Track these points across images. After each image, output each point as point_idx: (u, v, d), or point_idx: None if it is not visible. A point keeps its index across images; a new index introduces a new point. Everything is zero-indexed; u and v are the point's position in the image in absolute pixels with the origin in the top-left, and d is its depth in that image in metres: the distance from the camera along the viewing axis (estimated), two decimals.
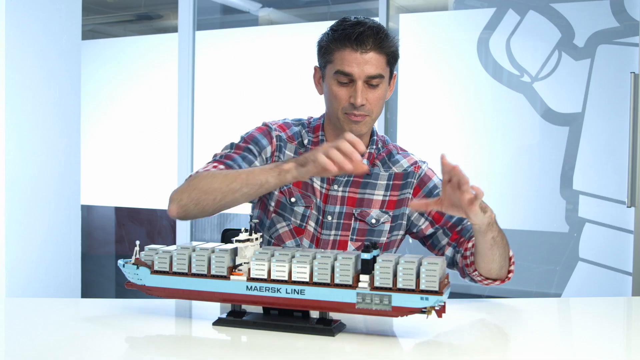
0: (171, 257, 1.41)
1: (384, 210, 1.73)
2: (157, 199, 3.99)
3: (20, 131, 2.59)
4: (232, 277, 1.37)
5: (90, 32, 4.48)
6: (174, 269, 1.41)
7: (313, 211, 1.71)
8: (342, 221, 1.71)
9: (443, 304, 1.27)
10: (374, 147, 1.75)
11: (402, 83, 3.36)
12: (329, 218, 1.71)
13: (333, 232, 1.71)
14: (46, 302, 1.86)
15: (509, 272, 1.65)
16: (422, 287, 1.27)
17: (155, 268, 1.42)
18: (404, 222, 1.78)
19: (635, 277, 2.84)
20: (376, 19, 3.35)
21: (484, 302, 1.79)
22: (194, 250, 1.41)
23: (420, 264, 1.29)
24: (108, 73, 4.12)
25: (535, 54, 3.11)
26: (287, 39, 3.63)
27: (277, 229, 1.74)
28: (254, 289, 1.35)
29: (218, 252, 1.38)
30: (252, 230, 1.40)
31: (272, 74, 3.65)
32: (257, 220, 1.63)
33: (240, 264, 1.37)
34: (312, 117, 1.80)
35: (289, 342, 1.30)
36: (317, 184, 1.71)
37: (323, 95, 1.70)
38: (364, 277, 1.30)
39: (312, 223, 1.72)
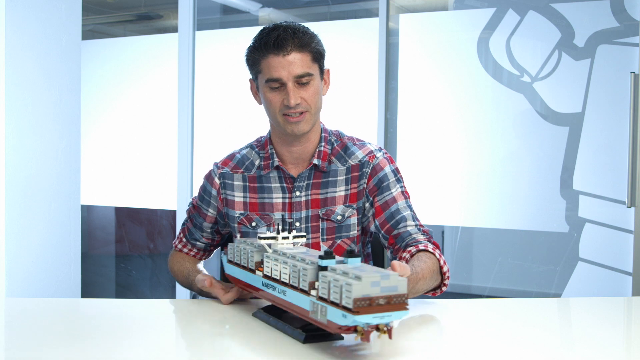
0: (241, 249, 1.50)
1: (347, 204, 1.75)
2: (157, 199, 3.99)
3: (20, 131, 2.59)
4: (257, 272, 1.41)
5: (90, 32, 4.48)
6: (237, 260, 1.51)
7: (276, 226, 1.68)
8: (309, 224, 1.74)
9: (369, 328, 1.09)
10: (323, 144, 1.76)
11: (402, 83, 3.36)
12: (297, 225, 1.74)
13: None
14: (46, 302, 1.86)
15: (443, 286, 1.63)
16: (343, 302, 1.11)
17: (229, 257, 1.54)
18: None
19: (635, 277, 2.84)
20: (376, 19, 3.36)
21: (484, 302, 1.79)
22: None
23: (355, 277, 1.11)
24: (108, 73, 4.12)
25: (535, 54, 3.11)
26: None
27: None
28: (266, 285, 1.37)
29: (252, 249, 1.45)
30: (279, 228, 1.41)
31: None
32: (291, 220, 1.74)
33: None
34: (262, 137, 1.85)
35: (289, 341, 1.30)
36: (277, 198, 1.76)
37: (262, 105, 1.74)
38: (317, 285, 1.20)
39: (280, 229, 1.74)
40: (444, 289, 1.63)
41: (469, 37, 3.23)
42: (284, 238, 1.39)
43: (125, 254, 4.62)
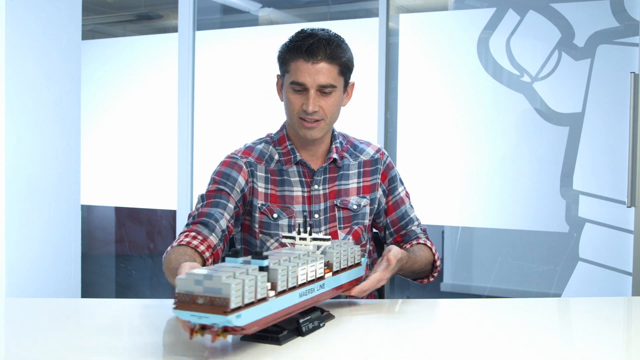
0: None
1: (361, 195, 1.87)
2: (157, 199, 3.99)
3: (20, 131, 2.59)
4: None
5: (90, 32, 4.48)
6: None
7: (297, 219, 1.80)
8: (327, 215, 1.83)
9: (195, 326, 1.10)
10: (337, 141, 1.87)
11: (402, 83, 3.36)
12: (316, 216, 1.81)
13: (322, 227, 1.82)
14: (46, 302, 1.86)
15: (432, 277, 1.88)
16: None
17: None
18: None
19: (635, 277, 2.84)
20: (376, 19, 3.36)
21: (484, 302, 1.79)
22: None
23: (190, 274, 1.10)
24: (108, 73, 4.12)
25: (535, 54, 3.11)
26: (287, 39, 3.62)
27: (268, 247, 1.81)
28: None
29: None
30: (299, 229, 1.42)
31: (271, 74, 3.64)
32: (311, 220, 1.79)
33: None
34: (271, 133, 1.90)
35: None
36: (297, 192, 1.81)
37: (283, 102, 1.80)
38: None
39: (300, 229, 1.73)
40: (431, 279, 1.88)
41: (469, 37, 3.23)
42: (301, 239, 1.39)
43: (125, 254, 4.62)
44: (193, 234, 1.64)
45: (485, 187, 3.21)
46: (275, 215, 1.79)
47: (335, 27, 1.82)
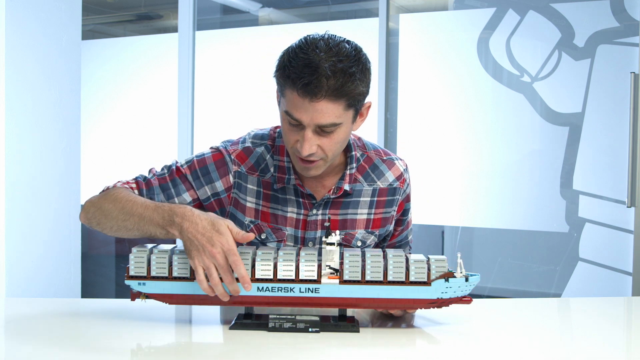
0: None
1: (369, 230, 1.59)
2: None
3: (20, 131, 2.59)
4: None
5: (90, 32, 4.48)
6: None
7: (288, 243, 1.56)
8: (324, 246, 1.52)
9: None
10: (354, 166, 1.57)
11: (402, 83, 3.36)
12: (310, 245, 1.56)
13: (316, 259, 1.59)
14: (46, 302, 1.86)
15: None
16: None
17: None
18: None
19: (635, 277, 2.84)
20: (376, 19, 3.36)
21: (484, 302, 1.79)
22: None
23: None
24: (108, 73, 4.12)
25: (535, 54, 3.11)
26: (287, 39, 3.62)
27: None
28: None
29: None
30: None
31: (272, 74, 3.64)
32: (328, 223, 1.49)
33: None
34: (277, 128, 1.62)
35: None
36: (291, 213, 1.55)
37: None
38: None
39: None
40: None
41: (469, 37, 3.23)
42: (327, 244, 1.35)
43: (125, 254, 4.60)
44: (136, 192, 1.57)
45: (485, 187, 3.21)
46: (263, 236, 1.55)
47: (335, 27, 1.78)
